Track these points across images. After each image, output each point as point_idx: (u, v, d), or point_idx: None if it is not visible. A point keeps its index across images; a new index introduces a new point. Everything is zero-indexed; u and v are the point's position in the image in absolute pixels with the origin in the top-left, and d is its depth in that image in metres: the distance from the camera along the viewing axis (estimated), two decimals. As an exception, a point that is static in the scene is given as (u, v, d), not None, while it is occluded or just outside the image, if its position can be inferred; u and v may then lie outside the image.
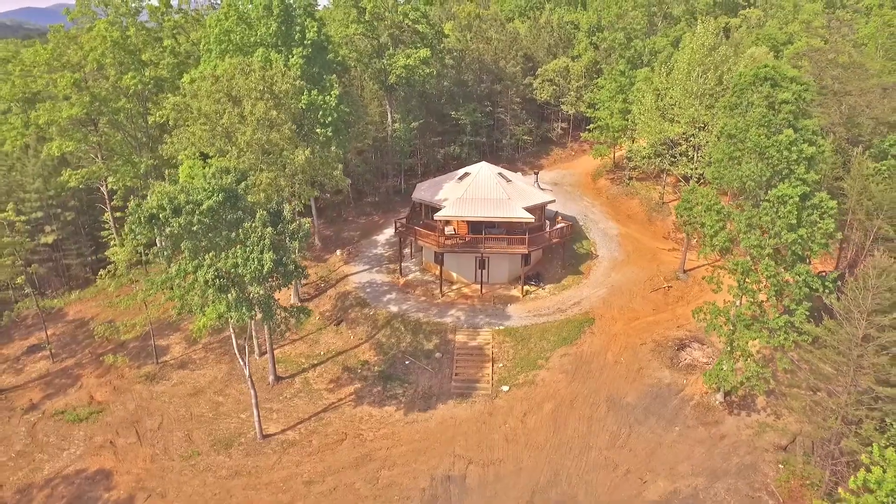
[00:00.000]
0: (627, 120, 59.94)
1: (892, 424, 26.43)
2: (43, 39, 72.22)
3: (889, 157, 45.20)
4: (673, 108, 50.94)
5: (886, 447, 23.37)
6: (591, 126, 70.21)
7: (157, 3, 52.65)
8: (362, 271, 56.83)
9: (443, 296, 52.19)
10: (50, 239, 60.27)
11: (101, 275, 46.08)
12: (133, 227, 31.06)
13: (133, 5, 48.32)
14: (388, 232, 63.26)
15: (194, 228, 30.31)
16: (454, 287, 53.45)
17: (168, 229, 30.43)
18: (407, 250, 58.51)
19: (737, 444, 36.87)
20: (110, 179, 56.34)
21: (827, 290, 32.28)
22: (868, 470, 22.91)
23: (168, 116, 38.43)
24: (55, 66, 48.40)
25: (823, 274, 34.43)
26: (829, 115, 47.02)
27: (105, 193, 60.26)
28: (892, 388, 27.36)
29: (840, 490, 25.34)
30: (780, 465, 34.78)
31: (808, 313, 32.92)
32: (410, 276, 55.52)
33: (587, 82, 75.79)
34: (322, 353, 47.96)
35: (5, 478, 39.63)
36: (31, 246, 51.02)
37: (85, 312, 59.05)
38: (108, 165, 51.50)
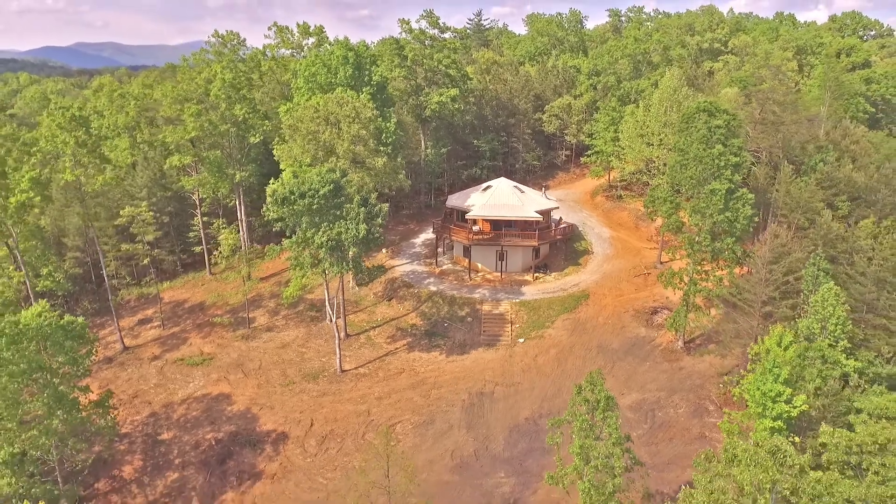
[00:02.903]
0: (617, 146, 74.81)
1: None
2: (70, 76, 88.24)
3: (815, 171, 59.87)
4: (651, 136, 65.70)
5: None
6: (590, 152, 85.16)
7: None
8: (405, 264, 71.14)
9: (471, 280, 66.40)
10: (150, 237, 74.91)
11: (215, 254, 60.51)
12: (270, 205, 45.66)
13: (239, 54, 63.81)
14: (423, 237, 77.81)
15: (314, 207, 44.89)
16: (479, 274, 67.65)
17: (295, 207, 44.98)
18: (440, 249, 72.80)
19: (691, 373, 50.55)
20: (202, 189, 71.13)
21: (747, 256, 46.43)
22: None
23: (284, 133, 53.18)
24: (178, 99, 63.80)
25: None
26: (768, 139, 61.69)
27: (197, 201, 75.08)
28: (781, 312, 41.30)
29: (742, 371, 39.14)
30: (720, 385, 48.29)
31: (734, 273, 47.02)
32: (444, 267, 69.79)
33: (587, 116, 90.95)
34: (379, 319, 62.04)
35: (151, 398, 53.59)
36: (152, 236, 65.44)
37: (177, 297, 73.26)
38: (210, 175, 66.21)
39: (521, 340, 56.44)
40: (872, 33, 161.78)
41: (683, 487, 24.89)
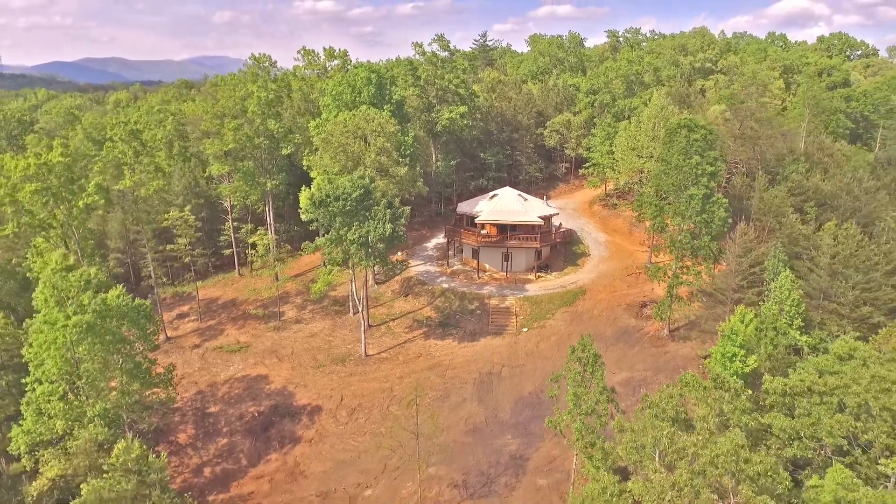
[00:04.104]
0: (612, 158, 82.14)
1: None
2: (71, 91, 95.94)
3: (787, 180, 67.03)
4: (641, 149, 73.01)
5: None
6: (588, 164, 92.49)
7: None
8: (419, 265, 78.24)
9: (479, 278, 73.44)
10: (191, 239, 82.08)
11: (252, 254, 67.70)
12: (308, 208, 52.83)
13: (272, 74, 71.39)
14: (434, 241, 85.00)
15: (346, 209, 52.09)
16: (487, 273, 74.69)
17: (329, 209, 52.16)
18: (450, 251, 79.92)
19: (675, 356, 57.34)
20: (234, 196, 78.44)
21: (721, 252, 53.44)
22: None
23: (317, 145, 60.70)
24: (218, 115, 71.33)
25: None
26: (747, 151, 68.94)
27: (228, 208, 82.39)
28: (749, 298, 48.25)
29: (710, 350, 45.99)
30: (700, 366, 55.06)
31: (711, 268, 54.02)
32: (455, 267, 76.87)
33: (585, 132, 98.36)
34: (397, 312, 69.02)
35: (197, 379, 60.47)
36: (192, 237, 72.66)
37: (210, 294, 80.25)
38: (244, 183, 73.56)
39: (525, 330, 63.35)
40: (858, 53, 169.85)
41: (643, 391, 31.72)
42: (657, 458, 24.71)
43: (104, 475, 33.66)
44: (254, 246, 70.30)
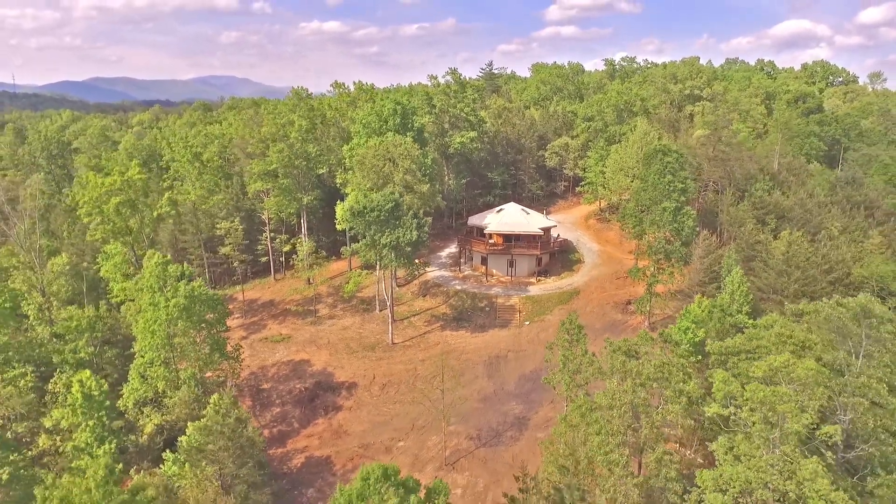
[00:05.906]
0: (604, 178, 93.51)
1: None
2: (82, 110, 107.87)
3: (753, 196, 78.08)
4: (628, 170, 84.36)
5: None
6: (584, 183, 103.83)
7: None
8: (434, 270, 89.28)
9: (487, 281, 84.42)
10: (228, 248, 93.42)
11: (295, 259, 78.98)
12: (345, 218, 64.08)
13: (310, 104, 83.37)
14: (447, 251, 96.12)
15: (381, 218, 63.34)
16: (494, 277, 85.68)
17: (366, 218, 63.41)
18: (462, 258, 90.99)
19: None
20: (272, 209, 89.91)
21: (690, 255, 64.38)
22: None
23: (352, 165, 72.29)
24: (263, 139, 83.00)
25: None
26: (718, 171, 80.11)
27: (266, 220, 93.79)
28: (709, 291, 59.09)
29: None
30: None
31: (682, 268, 64.97)
32: (466, 272, 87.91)
33: (581, 154, 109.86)
34: (417, 309, 79.95)
35: (248, 363, 71.21)
36: (240, 243, 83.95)
37: (249, 296, 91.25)
38: (284, 198, 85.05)
39: (527, 323, 74.22)
40: (840, 80, 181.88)
41: (606, 338, 42.52)
42: (614, 378, 35.36)
43: (206, 416, 44.41)
44: (294, 251, 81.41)
